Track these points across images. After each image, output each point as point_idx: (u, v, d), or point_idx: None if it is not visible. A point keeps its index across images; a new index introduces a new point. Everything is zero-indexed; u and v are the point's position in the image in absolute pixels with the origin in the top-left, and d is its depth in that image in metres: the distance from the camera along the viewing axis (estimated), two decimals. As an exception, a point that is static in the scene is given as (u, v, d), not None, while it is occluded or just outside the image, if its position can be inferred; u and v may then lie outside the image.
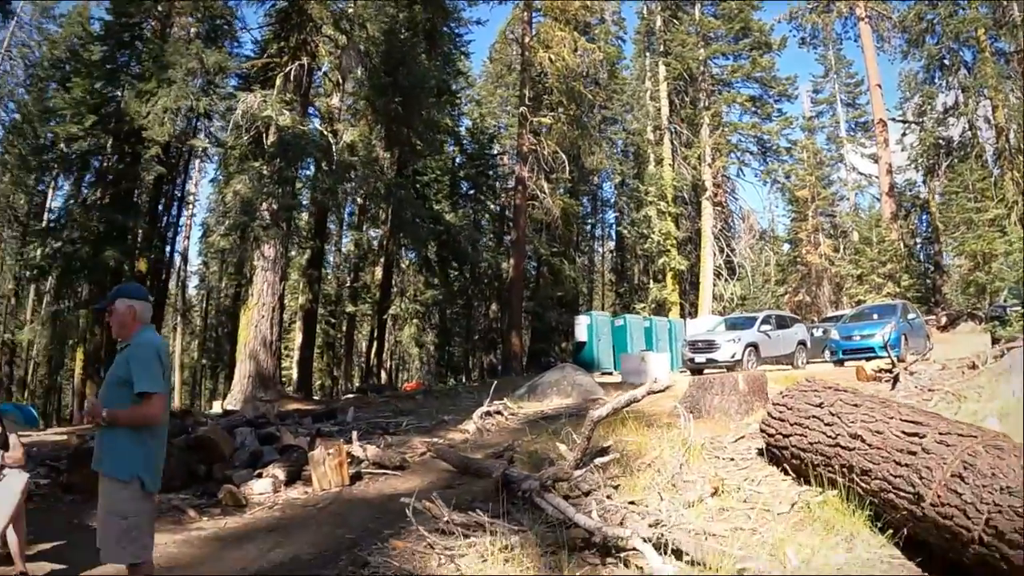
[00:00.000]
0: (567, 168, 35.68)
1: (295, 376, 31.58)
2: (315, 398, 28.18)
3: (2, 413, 7.26)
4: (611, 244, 61.20)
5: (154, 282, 32.84)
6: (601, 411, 7.48)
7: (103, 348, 27.40)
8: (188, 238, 37.86)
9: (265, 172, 21.09)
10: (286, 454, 10.78)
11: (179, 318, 41.56)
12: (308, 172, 24.97)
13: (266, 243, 21.13)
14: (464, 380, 36.74)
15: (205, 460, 10.40)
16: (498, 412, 13.82)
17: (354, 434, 11.28)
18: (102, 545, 4.91)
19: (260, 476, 9.89)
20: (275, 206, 21.08)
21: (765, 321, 22.88)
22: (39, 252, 30.58)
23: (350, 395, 27.64)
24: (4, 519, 6.38)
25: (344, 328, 41.86)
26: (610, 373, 27.62)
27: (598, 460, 7.45)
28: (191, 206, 37.04)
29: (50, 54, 38.43)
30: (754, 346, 21.46)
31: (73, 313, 27.68)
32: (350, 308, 39.24)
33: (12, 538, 6.46)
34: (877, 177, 43.86)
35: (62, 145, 29.68)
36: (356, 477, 9.77)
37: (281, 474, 9.80)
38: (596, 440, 7.89)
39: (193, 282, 50.84)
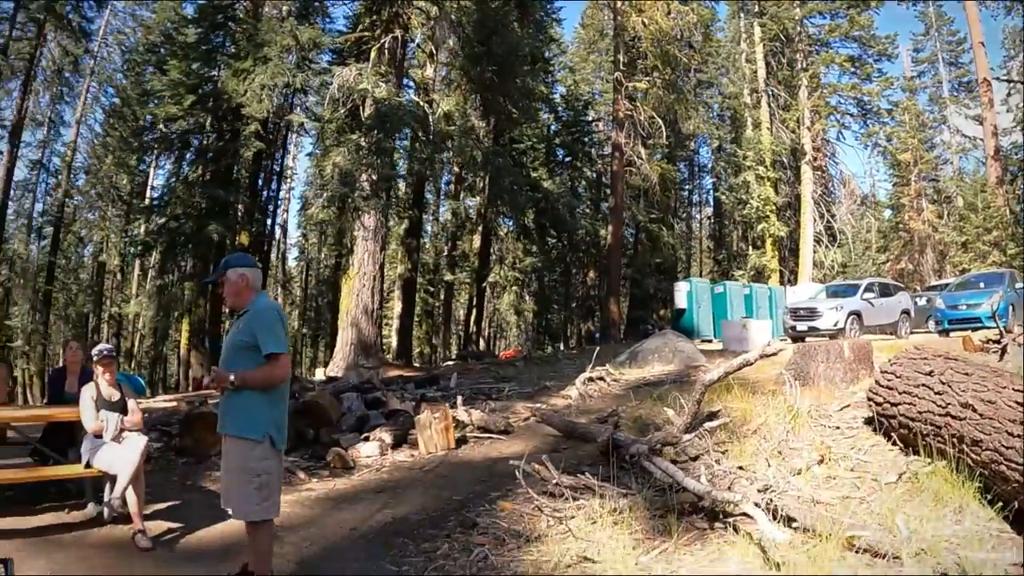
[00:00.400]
0: (663, 133, 35.07)
1: (394, 344, 31.85)
2: (415, 365, 28.35)
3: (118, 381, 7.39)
4: (708, 210, 60.11)
5: (256, 254, 33.42)
6: (712, 374, 7.50)
7: (206, 319, 28.01)
8: (287, 211, 38.39)
9: (363, 144, 21.12)
10: (392, 418, 10.91)
11: (280, 289, 42.11)
12: (404, 143, 24.96)
13: (366, 213, 21.23)
14: (562, 347, 36.61)
15: (313, 424, 10.59)
16: (600, 378, 13.61)
17: (459, 399, 11.36)
18: (232, 503, 5.08)
19: (367, 440, 10.02)
20: (374, 177, 21.17)
21: (868, 289, 22.13)
22: (143, 229, 31.35)
23: (450, 362, 27.76)
24: (125, 479, 6.59)
25: (442, 296, 42.12)
26: (709, 341, 27.25)
27: (707, 425, 7.42)
28: (289, 180, 37.45)
29: (145, 39, 39.28)
30: (857, 314, 20.80)
31: (178, 286, 28.27)
32: (448, 276, 39.41)
33: (132, 498, 6.60)
34: (982, 140, 41.60)
35: (161, 126, 30.27)
36: (461, 441, 9.82)
37: (388, 438, 9.90)
38: (703, 405, 7.80)
39: (293, 254, 51.67)
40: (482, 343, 39.95)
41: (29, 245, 41.50)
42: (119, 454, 6.73)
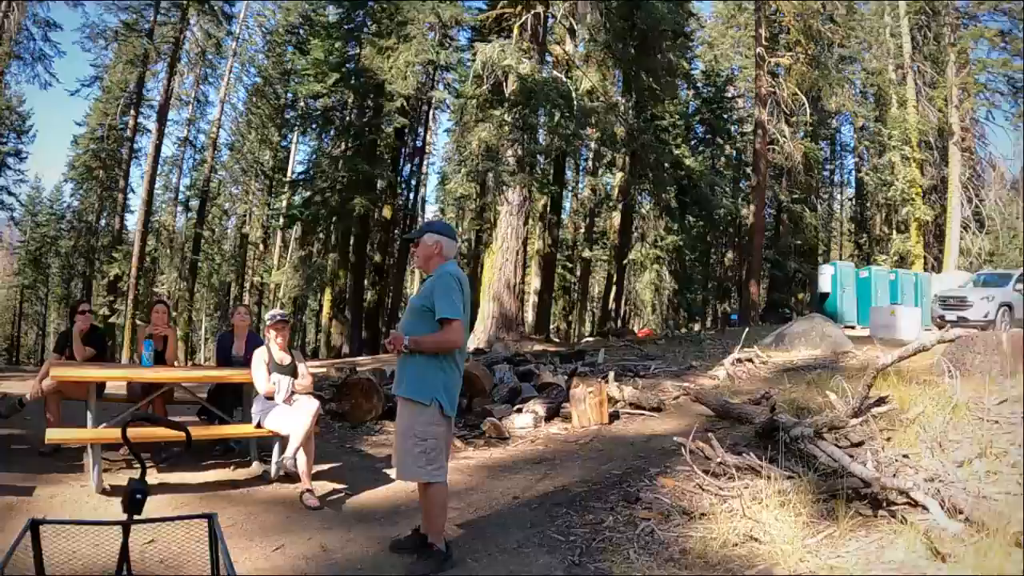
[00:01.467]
0: (807, 110, 34.12)
1: (530, 318, 31.98)
2: (554, 340, 28.39)
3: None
4: (849, 191, 58.00)
5: (397, 228, 33.92)
6: (886, 359, 7.30)
7: (346, 290, 28.54)
8: (425, 186, 38.81)
9: (507, 119, 21.07)
10: (544, 391, 10.97)
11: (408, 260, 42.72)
12: (544, 119, 24.84)
13: (510, 189, 21.18)
14: (697, 328, 36.14)
15: (466, 394, 10.67)
16: (748, 360, 13.46)
17: (610, 374, 11.30)
18: (399, 464, 5.20)
19: (520, 411, 10.11)
20: (520, 152, 21.13)
21: (1021, 279, 21.09)
22: (284, 202, 32.13)
23: (588, 338, 27.71)
24: (297, 440, 6.74)
25: (578, 273, 42.08)
26: (852, 327, 26.42)
27: (875, 410, 7.21)
28: (426, 156, 37.84)
29: (284, 20, 40.00)
30: (1008, 306, 19.96)
31: (323, 257, 28.85)
32: (586, 253, 39.31)
33: (302, 458, 6.77)
34: None
35: (302, 103, 30.92)
36: (614, 416, 9.79)
37: (541, 410, 9.95)
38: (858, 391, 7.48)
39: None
40: (618, 321, 39.84)
41: (176, 217, 43.25)
42: (291, 416, 6.87)
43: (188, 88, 40.21)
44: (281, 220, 37.26)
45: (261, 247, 47.17)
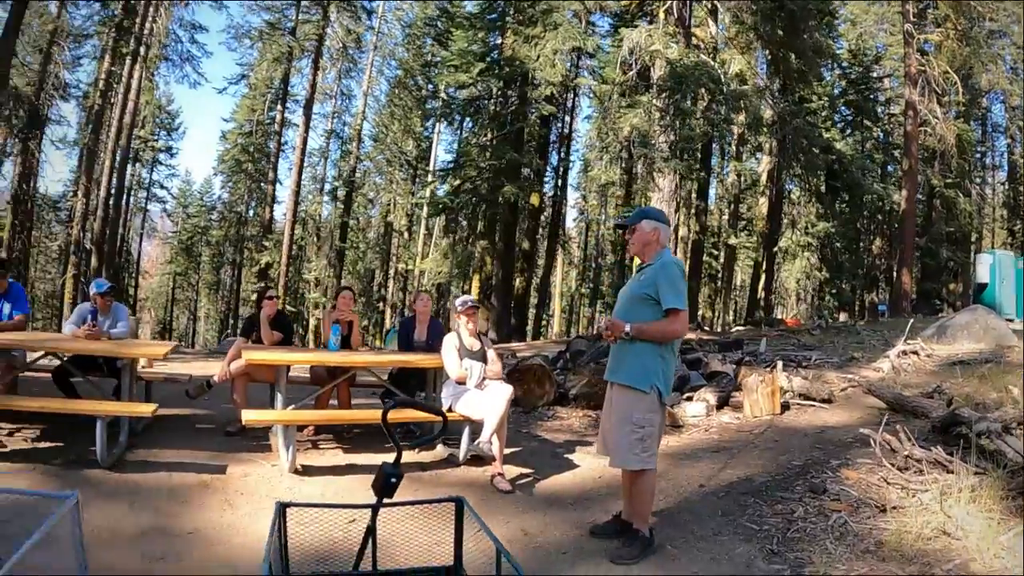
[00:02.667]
0: (959, 89, 32.78)
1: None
2: (704, 329, 28.04)
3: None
4: (1001, 175, 55.09)
5: (550, 216, 34.06)
6: None
7: (493, 277, 28.77)
8: (567, 173, 38.96)
9: (657, 105, 20.86)
10: (714, 380, 10.78)
11: (559, 248, 42.78)
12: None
13: (661, 175, 20.95)
14: (843, 318, 35.25)
15: None
16: (913, 352, 13.01)
17: (778, 364, 11.10)
18: (614, 451, 5.18)
19: (691, 399, 9.96)
20: (672, 137, 20.88)
21: None
22: (428, 191, 32.59)
23: (739, 327, 27.29)
24: (492, 425, 6.82)
25: (723, 260, 41.56)
26: (1011, 319, 25.21)
27: None
28: (571, 143, 37.95)
29: (422, 13, 40.56)
30: None
31: (472, 244, 29.17)
32: (732, 240, 38.76)
33: (495, 442, 6.83)
34: None
35: (443, 94, 31.31)
36: (784, 407, 9.58)
37: (712, 399, 9.79)
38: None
39: (571, 215, 52.35)
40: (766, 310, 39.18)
41: (321, 207, 44.54)
42: (485, 401, 6.95)
43: (331, 82, 41.29)
44: (425, 209, 38.08)
45: (405, 235, 48.09)
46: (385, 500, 3.44)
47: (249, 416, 7.08)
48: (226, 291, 50.77)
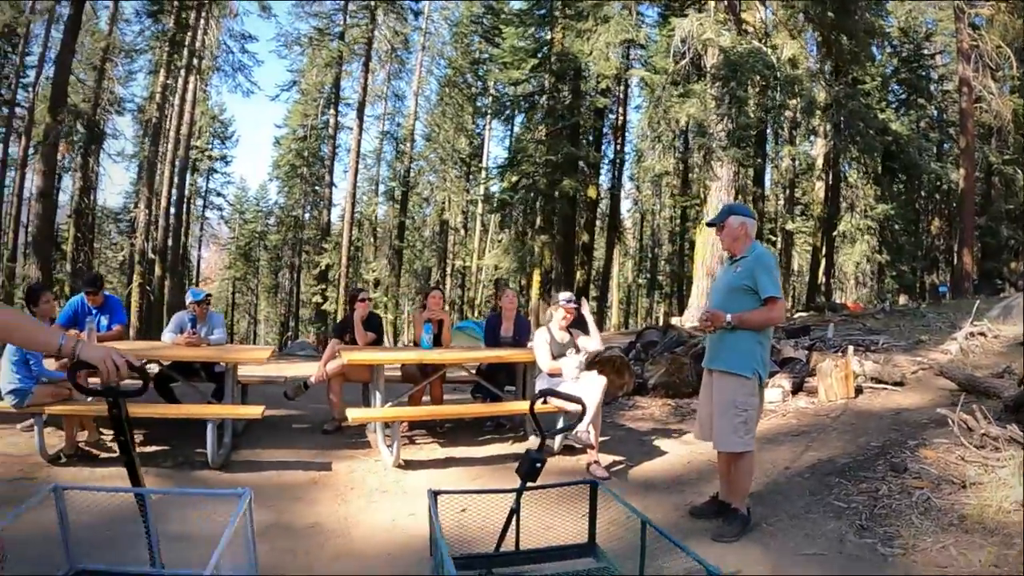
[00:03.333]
0: (1013, 64, 32.24)
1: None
2: (770, 315, 27.80)
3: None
4: (1056, 149, 54.01)
5: (608, 208, 34.11)
6: None
7: (551, 271, 28.91)
8: (623, 165, 38.91)
9: (712, 93, 20.88)
10: (787, 366, 10.86)
11: (617, 240, 42.78)
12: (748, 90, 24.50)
13: (719, 163, 20.96)
14: (908, 301, 34.84)
15: None
16: (980, 333, 13.12)
17: (849, 349, 11.09)
18: (717, 435, 5.38)
19: (766, 385, 9.99)
20: (730, 126, 20.87)
21: None
22: (482, 187, 32.78)
23: (802, 313, 27.09)
24: (589, 416, 6.86)
25: (780, 245, 41.18)
26: (1074, 298, 24.81)
27: None
28: (625, 134, 37.91)
29: (468, 12, 40.76)
30: None
31: (532, 239, 29.32)
32: (789, 225, 38.41)
33: (591, 431, 7.05)
34: None
35: (493, 90, 31.51)
36: (858, 391, 9.69)
37: (787, 384, 9.92)
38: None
39: (625, 206, 52.25)
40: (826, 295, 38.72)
41: (377, 207, 44.97)
42: (580, 392, 7.05)
43: (380, 84, 41.65)
44: (480, 206, 38.41)
45: (461, 232, 48.37)
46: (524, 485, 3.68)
47: (357, 414, 7.43)
48: (285, 294, 51.43)
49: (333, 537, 5.52)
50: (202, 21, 32.79)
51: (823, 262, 35.65)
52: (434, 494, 3.59)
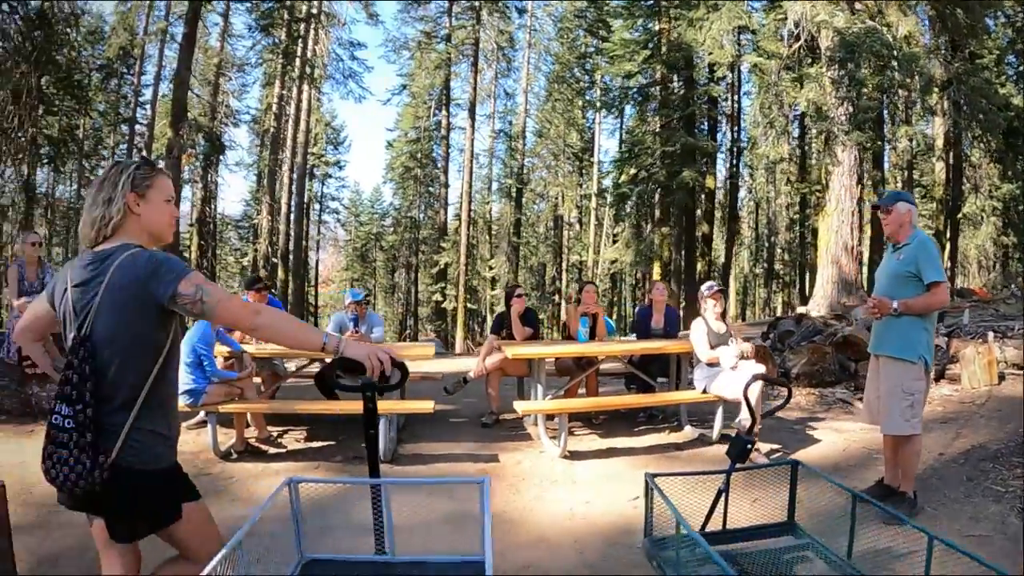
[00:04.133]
0: None
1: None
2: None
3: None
4: None
5: (726, 197, 33.90)
6: None
7: (670, 262, 28.92)
8: (740, 153, 38.52)
9: (830, 76, 20.65)
10: (927, 353, 10.74)
11: (738, 229, 42.39)
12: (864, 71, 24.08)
13: (840, 148, 20.69)
14: (1026, 283, 33.61)
15: (854, 357, 10.67)
16: None
17: (989, 335, 10.98)
18: (885, 419, 5.53)
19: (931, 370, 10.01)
20: (851, 109, 20.60)
21: None
22: (596, 182, 32.82)
23: (928, 299, 26.50)
24: (753, 403, 6.98)
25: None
26: None
27: None
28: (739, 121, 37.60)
29: (571, 6, 40.81)
30: None
31: (653, 231, 29.37)
32: (909, 208, 37.28)
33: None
34: None
35: (599, 83, 31.59)
36: (1000, 377, 9.61)
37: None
38: None
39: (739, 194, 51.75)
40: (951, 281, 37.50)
41: (490, 205, 45.51)
42: (740, 381, 7.22)
43: (488, 83, 42.09)
44: (593, 200, 38.59)
45: (576, 227, 48.53)
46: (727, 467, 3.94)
47: (526, 407, 7.81)
48: (402, 293, 52.15)
49: (517, 525, 5.82)
50: (312, 32, 33.76)
51: (947, 246, 34.69)
52: (652, 476, 3.75)
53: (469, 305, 37.96)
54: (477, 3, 38.28)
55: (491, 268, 41.36)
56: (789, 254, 42.49)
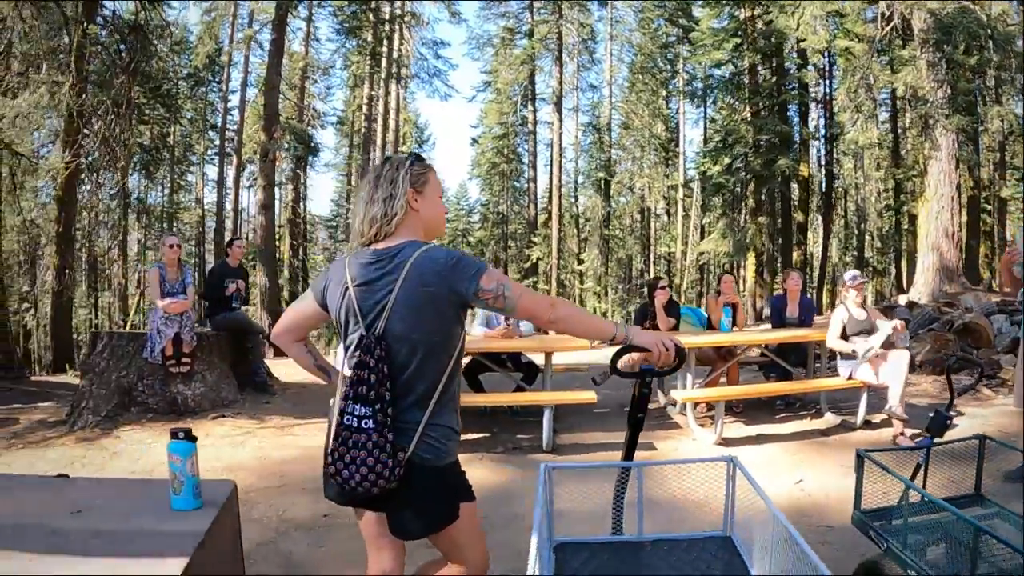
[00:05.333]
0: None
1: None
2: (994, 289, 26.96)
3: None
4: None
5: (823, 184, 33.67)
6: None
7: (764, 252, 28.96)
8: (835, 139, 38.17)
9: (926, 58, 20.54)
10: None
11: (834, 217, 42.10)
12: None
13: (939, 132, 20.54)
14: None
15: (973, 344, 10.81)
16: None
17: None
18: None
19: None
20: (949, 92, 20.45)
21: None
22: (681, 172, 32.80)
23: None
24: (898, 388, 7.49)
25: (995, 215, 39.42)
26: None
27: None
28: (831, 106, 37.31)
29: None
30: None
31: (748, 221, 29.43)
32: (1004, 192, 36.80)
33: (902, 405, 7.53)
34: None
35: (682, 72, 31.67)
36: None
37: None
38: None
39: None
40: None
41: (579, 199, 46.02)
42: (887, 368, 7.65)
43: (570, 76, 42.40)
44: (680, 190, 38.64)
45: (665, 218, 48.55)
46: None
47: (684, 395, 8.26)
48: (492, 288, 52.66)
49: (702, 507, 6.18)
50: (396, 32, 34.52)
51: (1040, 226, 34.00)
52: (860, 457, 3.99)
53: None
54: (558, -1, 38.72)
55: (582, 261, 41.70)
56: (881, 242, 41.87)
